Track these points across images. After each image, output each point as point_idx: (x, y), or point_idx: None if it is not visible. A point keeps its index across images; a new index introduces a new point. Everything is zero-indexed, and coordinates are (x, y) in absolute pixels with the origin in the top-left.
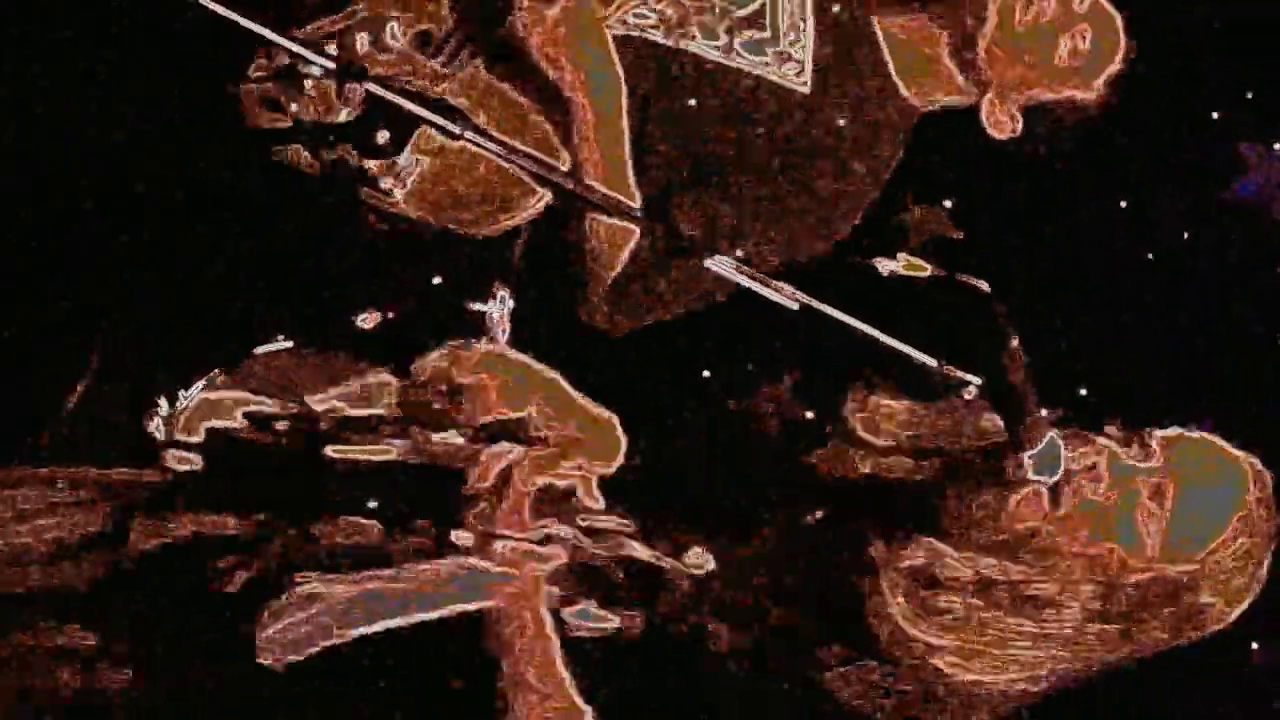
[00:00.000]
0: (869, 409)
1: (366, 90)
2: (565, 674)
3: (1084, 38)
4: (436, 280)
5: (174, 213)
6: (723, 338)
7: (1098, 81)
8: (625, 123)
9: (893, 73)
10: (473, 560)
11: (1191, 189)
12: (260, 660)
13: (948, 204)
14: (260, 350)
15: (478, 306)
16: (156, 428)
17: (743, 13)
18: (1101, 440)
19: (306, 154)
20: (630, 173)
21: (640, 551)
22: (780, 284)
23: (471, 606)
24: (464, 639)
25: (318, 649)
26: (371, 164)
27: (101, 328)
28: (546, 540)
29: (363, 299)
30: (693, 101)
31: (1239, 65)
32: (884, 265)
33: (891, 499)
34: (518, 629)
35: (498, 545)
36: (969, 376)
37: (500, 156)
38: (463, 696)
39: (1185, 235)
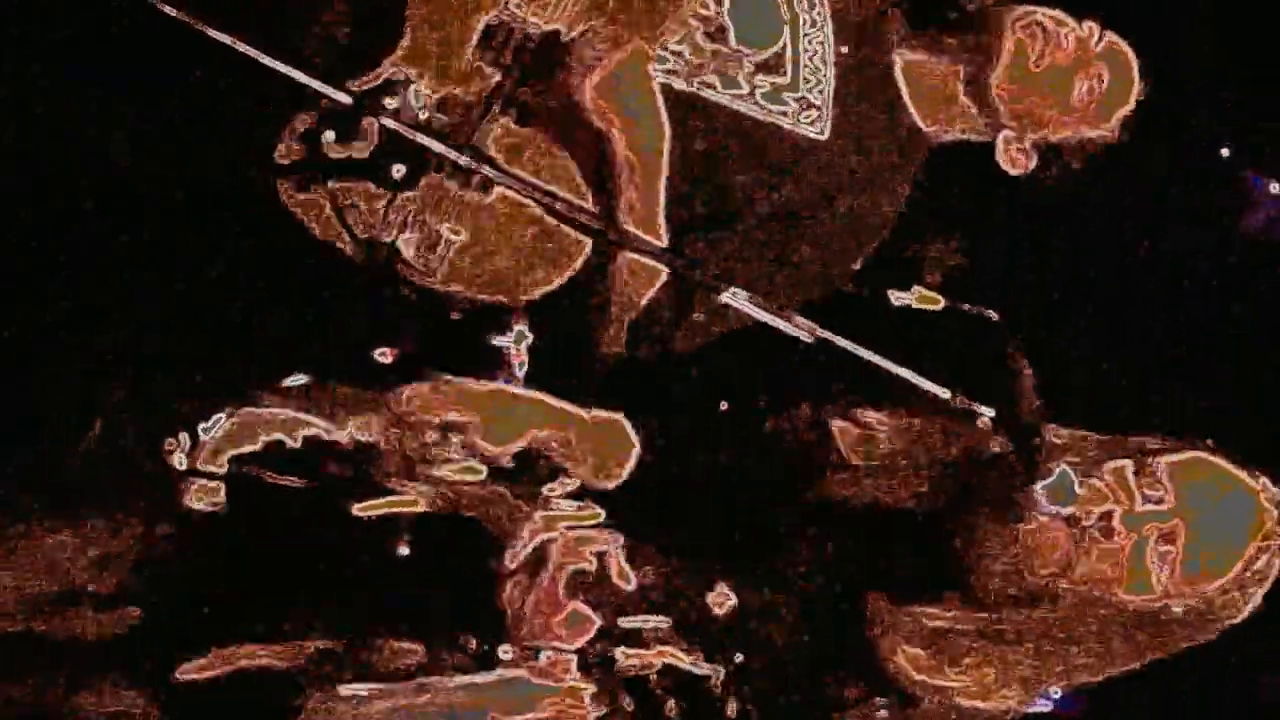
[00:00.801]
0: (853, 426)
1: (382, 125)
2: None
3: (1100, 79)
4: (455, 316)
5: (187, 241)
6: (739, 370)
7: (1112, 120)
8: (665, 168)
9: (910, 107)
10: (518, 673)
11: (1201, 223)
12: None
13: (955, 238)
14: (280, 384)
15: (496, 341)
16: (179, 460)
17: (762, 57)
18: (1110, 477)
19: (346, 236)
20: (662, 216)
21: (679, 658)
22: (795, 316)
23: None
24: None
25: None
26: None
27: (115, 362)
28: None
29: (381, 334)
30: (709, 144)
31: (1247, 101)
32: (897, 297)
33: (897, 549)
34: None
35: (541, 657)
36: (982, 408)
37: (521, 192)
38: None
39: (1195, 267)
